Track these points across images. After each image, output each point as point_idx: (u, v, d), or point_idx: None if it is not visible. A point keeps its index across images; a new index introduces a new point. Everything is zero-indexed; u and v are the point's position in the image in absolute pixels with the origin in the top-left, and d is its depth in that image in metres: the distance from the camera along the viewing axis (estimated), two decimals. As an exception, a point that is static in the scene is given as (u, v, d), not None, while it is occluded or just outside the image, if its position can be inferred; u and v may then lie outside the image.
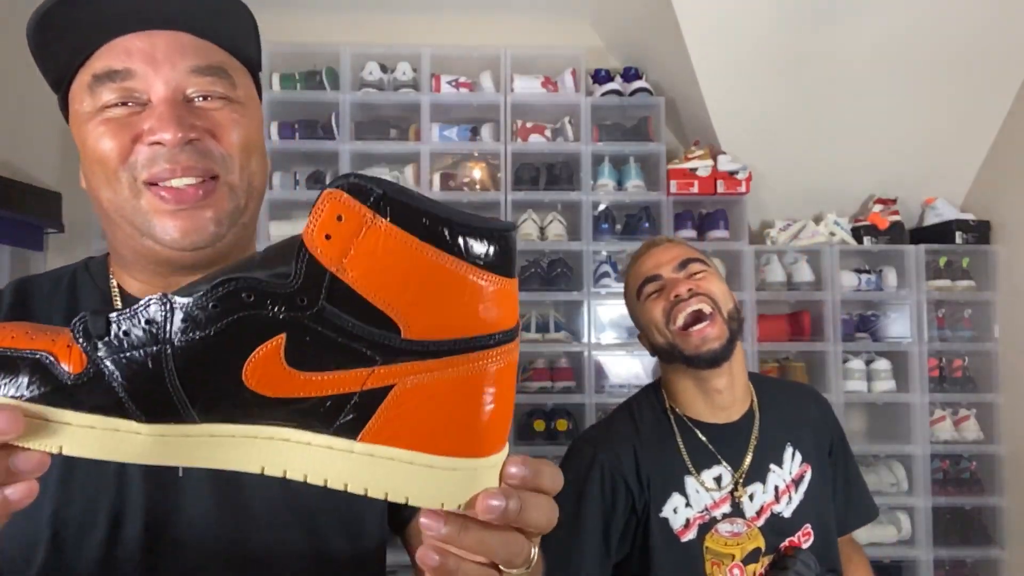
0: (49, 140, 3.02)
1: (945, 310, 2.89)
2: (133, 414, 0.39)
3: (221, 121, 0.67)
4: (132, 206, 0.66)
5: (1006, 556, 2.68)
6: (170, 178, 0.64)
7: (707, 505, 1.23)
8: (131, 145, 0.65)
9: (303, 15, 3.03)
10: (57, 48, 0.69)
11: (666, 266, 1.27)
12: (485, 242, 0.38)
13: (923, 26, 2.46)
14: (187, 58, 0.66)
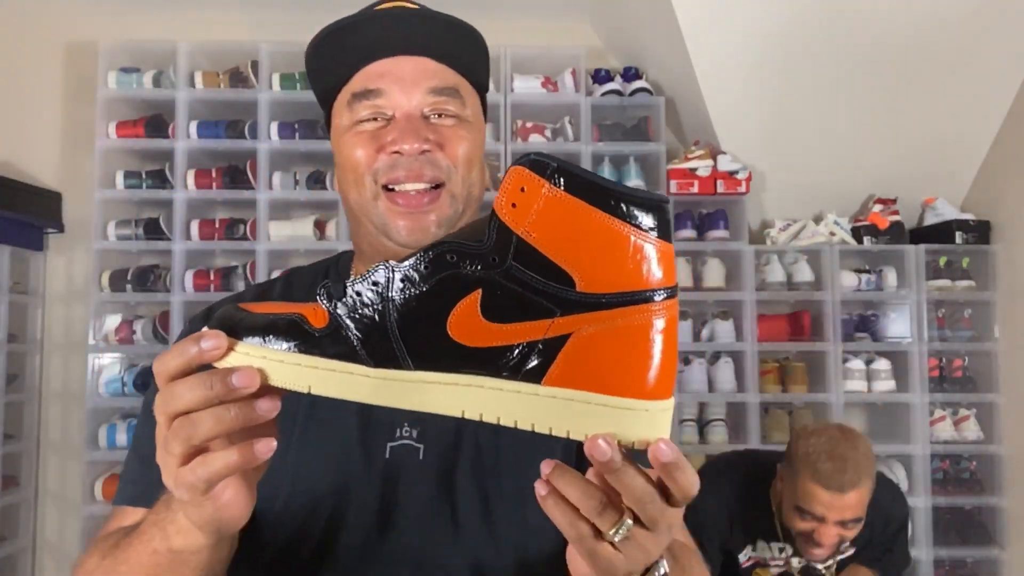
0: (49, 140, 3.02)
1: (945, 310, 2.89)
2: (364, 360, 0.48)
3: (450, 136, 0.78)
4: (373, 207, 0.78)
5: (1006, 556, 2.68)
6: (404, 182, 0.76)
7: (767, 558, 1.72)
8: (376, 154, 0.76)
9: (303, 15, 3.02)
10: (325, 69, 0.83)
11: (833, 516, 1.54)
12: (647, 210, 0.45)
13: (923, 26, 2.46)
14: (427, 80, 0.77)
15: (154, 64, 2.84)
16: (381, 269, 0.49)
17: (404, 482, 0.73)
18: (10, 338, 2.77)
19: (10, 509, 2.81)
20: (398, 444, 0.75)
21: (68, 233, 2.97)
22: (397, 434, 0.75)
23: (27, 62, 3.04)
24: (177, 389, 0.50)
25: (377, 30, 0.79)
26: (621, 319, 0.45)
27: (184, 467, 0.50)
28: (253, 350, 0.49)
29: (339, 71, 0.80)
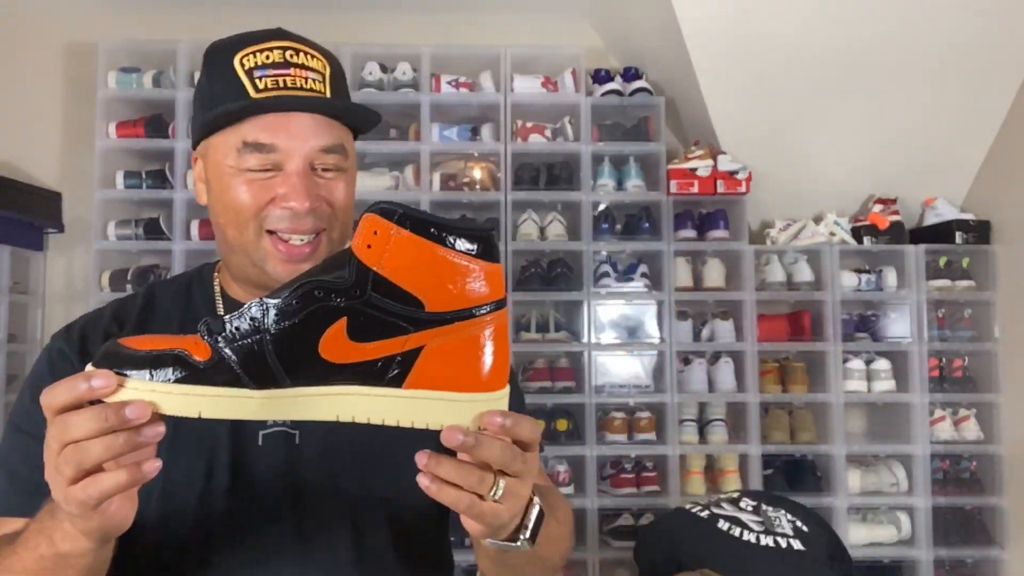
0: (49, 140, 3.02)
1: (945, 310, 2.88)
2: (247, 383, 0.55)
3: (335, 189, 0.84)
4: (254, 246, 0.82)
5: (1006, 556, 2.68)
6: (290, 233, 0.82)
7: None
8: (265, 204, 0.81)
9: (303, 15, 3.03)
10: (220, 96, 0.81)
11: None
12: (473, 240, 0.55)
13: (923, 26, 2.46)
14: (319, 139, 0.81)
15: (154, 64, 2.84)
16: (255, 306, 0.56)
17: (278, 465, 0.81)
18: (10, 338, 2.77)
19: (10, 509, 2.81)
20: (270, 432, 0.83)
21: (68, 233, 2.97)
22: (269, 423, 0.83)
23: (27, 62, 3.04)
24: (71, 421, 0.54)
25: None
26: (460, 330, 0.56)
27: (74, 486, 0.55)
28: (142, 384, 0.55)
29: (233, 108, 0.80)
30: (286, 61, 0.81)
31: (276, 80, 0.79)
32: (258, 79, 0.79)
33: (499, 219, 2.79)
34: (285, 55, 0.81)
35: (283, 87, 0.80)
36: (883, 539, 2.72)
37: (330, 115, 0.82)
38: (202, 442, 0.81)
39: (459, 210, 2.88)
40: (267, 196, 0.80)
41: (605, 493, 2.74)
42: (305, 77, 0.81)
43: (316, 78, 0.82)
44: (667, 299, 2.76)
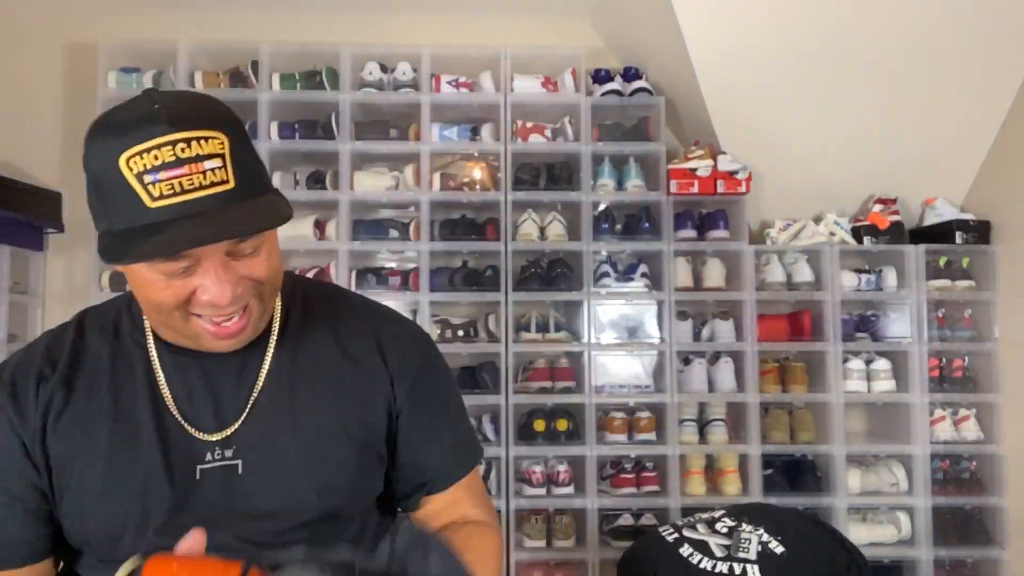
0: (49, 140, 3.02)
1: (945, 310, 2.88)
2: None
3: (256, 266, 0.81)
4: (182, 325, 0.81)
5: (1006, 556, 2.68)
6: (218, 319, 0.81)
7: None
8: (187, 298, 0.78)
9: (303, 15, 3.03)
10: (113, 213, 0.75)
11: None
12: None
13: (923, 26, 2.46)
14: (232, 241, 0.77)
15: (154, 64, 2.84)
16: None
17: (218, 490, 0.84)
18: (10, 338, 2.77)
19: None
20: (209, 465, 0.85)
21: (68, 233, 2.97)
22: (208, 457, 0.85)
23: (27, 62, 3.04)
24: None
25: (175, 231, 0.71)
26: None
27: None
28: None
29: (135, 229, 0.72)
30: (177, 159, 0.71)
31: (171, 184, 0.71)
32: (151, 185, 0.71)
33: (499, 219, 2.79)
34: (175, 151, 0.71)
35: (180, 191, 0.71)
36: (883, 539, 2.72)
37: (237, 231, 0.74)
38: (135, 482, 0.83)
39: (459, 210, 2.88)
40: (187, 291, 0.78)
41: (605, 493, 2.74)
42: (203, 171, 0.72)
43: (215, 165, 0.73)
44: (667, 299, 2.76)
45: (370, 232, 2.80)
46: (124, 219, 0.72)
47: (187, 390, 0.87)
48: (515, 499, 2.68)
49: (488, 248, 2.79)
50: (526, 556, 2.66)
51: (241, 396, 0.88)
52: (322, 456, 0.88)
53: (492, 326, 2.79)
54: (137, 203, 0.71)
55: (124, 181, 0.71)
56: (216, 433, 0.86)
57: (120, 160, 0.71)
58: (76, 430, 0.84)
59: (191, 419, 0.86)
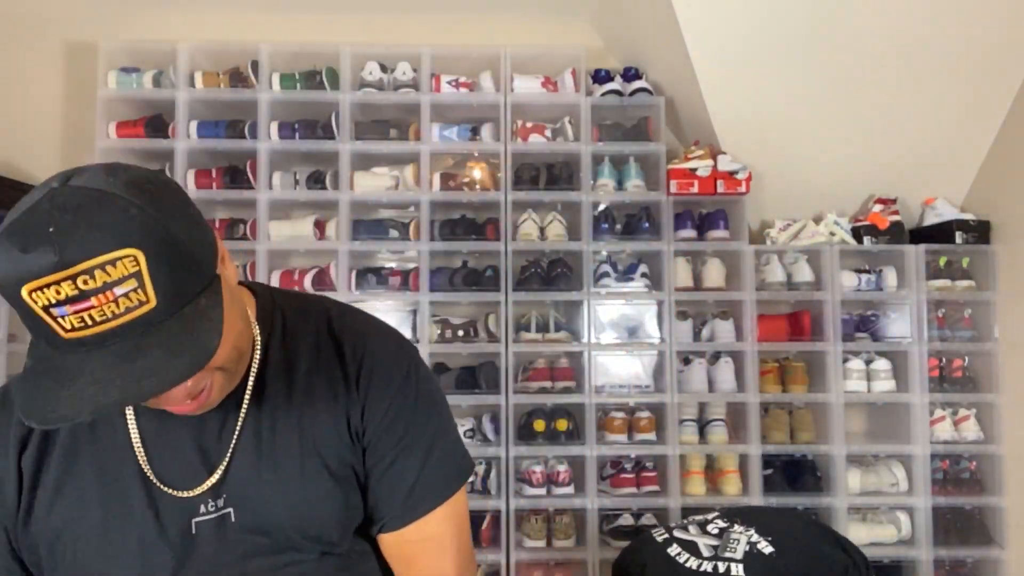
0: (49, 140, 3.02)
1: (945, 310, 2.88)
2: None
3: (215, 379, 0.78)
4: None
5: (1006, 556, 2.68)
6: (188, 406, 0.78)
7: None
8: None
9: (303, 15, 3.03)
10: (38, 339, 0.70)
11: None
12: None
13: (923, 26, 2.46)
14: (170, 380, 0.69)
15: (154, 64, 2.84)
16: None
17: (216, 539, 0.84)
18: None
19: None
20: (203, 518, 0.83)
21: (68, 233, 2.97)
22: (201, 510, 0.83)
23: (27, 62, 3.04)
24: None
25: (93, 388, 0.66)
26: None
27: None
28: None
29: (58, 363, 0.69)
30: (81, 292, 0.63)
31: (81, 317, 0.64)
32: (60, 318, 0.64)
33: (499, 219, 2.79)
34: (77, 284, 0.63)
35: (92, 323, 0.64)
36: (883, 539, 2.72)
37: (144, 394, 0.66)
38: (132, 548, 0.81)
39: (459, 210, 2.88)
40: None
41: (605, 493, 2.74)
42: (115, 300, 0.64)
43: (128, 289, 0.64)
44: (667, 299, 2.76)
45: (370, 232, 2.80)
46: (45, 345, 0.68)
47: (167, 447, 0.84)
48: (515, 499, 2.68)
49: (488, 248, 2.79)
50: (526, 556, 2.66)
51: (223, 443, 0.85)
52: (308, 495, 0.86)
53: (492, 326, 2.79)
54: (52, 334, 0.66)
55: (33, 314, 0.64)
56: (202, 485, 0.83)
57: (23, 292, 0.63)
58: (63, 499, 0.81)
59: (175, 477, 0.83)
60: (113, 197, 0.65)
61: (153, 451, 0.83)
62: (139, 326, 0.66)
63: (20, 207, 0.66)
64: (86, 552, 0.81)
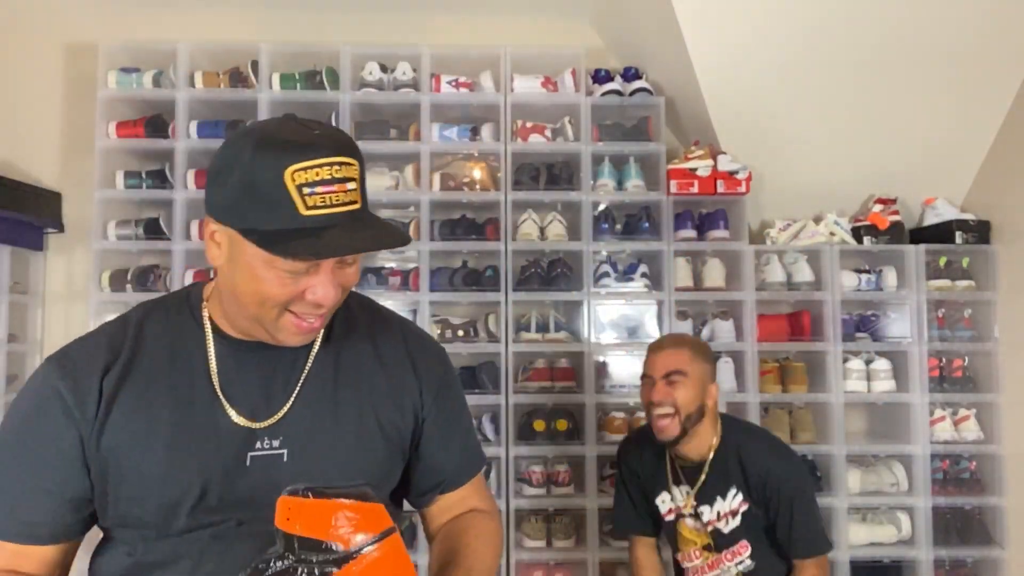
0: (49, 140, 3.02)
1: (945, 310, 2.88)
2: None
3: (350, 275, 0.93)
4: (272, 320, 0.91)
5: (1006, 556, 2.68)
6: (307, 316, 0.91)
7: (680, 505, 1.93)
8: (296, 296, 0.88)
9: (303, 15, 3.03)
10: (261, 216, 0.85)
11: (657, 371, 1.86)
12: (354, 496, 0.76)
13: (923, 26, 2.46)
14: None
15: (154, 64, 2.84)
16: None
17: (264, 476, 0.93)
18: (10, 338, 2.77)
19: (10, 509, 2.81)
20: (258, 453, 0.94)
21: (68, 233, 2.97)
22: (258, 446, 0.94)
23: (27, 62, 3.04)
24: None
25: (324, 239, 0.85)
26: (364, 559, 0.75)
27: None
28: None
29: (287, 231, 0.84)
30: (332, 178, 0.85)
31: (323, 198, 0.84)
32: (307, 196, 0.83)
33: (499, 219, 2.79)
34: (332, 171, 0.85)
35: (329, 204, 0.84)
36: (883, 539, 2.72)
37: (383, 245, 0.89)
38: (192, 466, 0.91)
39: (459, 210, 2.88)
40: (298, 290, 0.88)
41: (605, 493, 2.74)
42: (346, 191, 0.86)
43: (352, 187, 0.87)
44: (667, 299, 2.76)
45: (370, 232, 2.79)
46: (277, 221, 0.83)
47: (240, 381, 0.96)
48: (515, 499, 2.68)
49: (488, 248, 2.79)
50: (526, 556, 2.66)
51: (289, 387, 0.97)
52: (358, 449, 0.99)
53: (492, 326, 2.79)
54: (293, 210, 0.82)
55: (285, 191, 0.82)
56: (264, 421, 0.95)
57: (285, 173, 0.82)
58: (136, 418, 0.91)
59: (242, 408, 0.94)
60: (338, 128, 0.92)
61: (226, 384, 0.95)
62: (351, 217, 0.86)
63: (260, 125, 0.89)
64: (150, 468, 0.90)
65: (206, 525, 0.90)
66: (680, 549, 1.95)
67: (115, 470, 0.90)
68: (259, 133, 0.86)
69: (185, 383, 0.94)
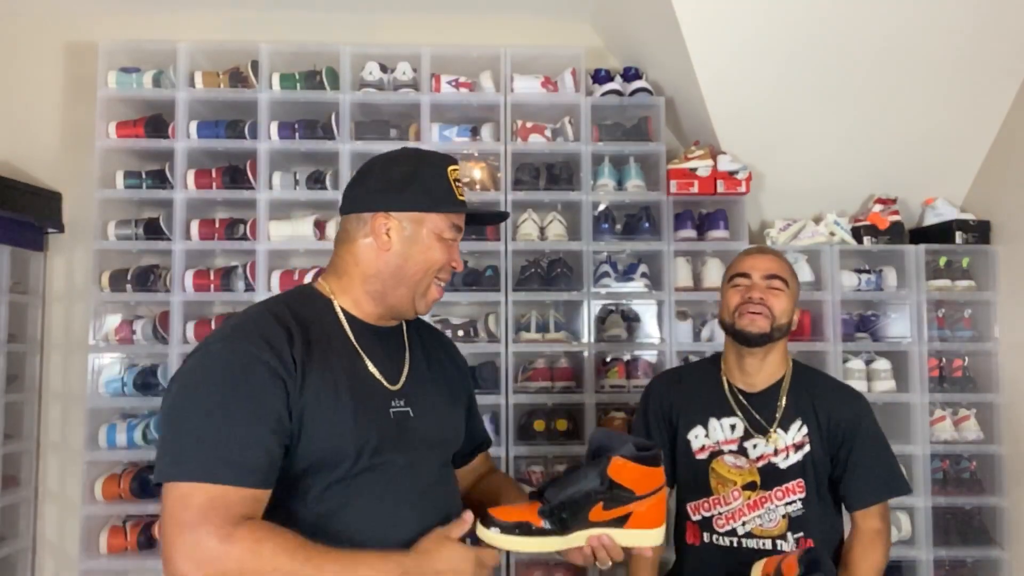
0: (49, 140, 3.02)
1: (945, 310, 2.88)
2: (555, 534, 1.19)
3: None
4: (423, 285, 1.26)
5: (1006, 556, 2.68)
6: (444, 282, 1.30)
7: (719, 440, 1.76)
8: (446, 263, 1.28)
9: (303, 15, 3.03)
10: (438, 200, 1.25)
11: (759, 270, 1.74)
12: (650, 461, 1.19)
13: (923, 26, 2.46)
14: None
15: (154, 64, 2.84)
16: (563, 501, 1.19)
17: (402, 427, 1.22)
18: (10, 338, 2.77)
19: (10, 509, 2.81)
20: (395, 409, 1.23)
21: (68, 233, 2.97)
22: (394, 404, 1.23)
23: (27, 62, 3.04)
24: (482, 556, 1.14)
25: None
26: (646, 502, 1.19)
27: None
28: (503, 539, 1.17)
29: (457, 207, 1.27)
30: (461, 179, 1.30)
31: (462, 190, 1.28)
32: (458, 188, 1.26)
33: (499, 219, 2.79)
34: (458, 173, 1.29)
35: (464, 195, 1.28)
36: (883, 539, 2.71)
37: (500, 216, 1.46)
38: (363, 419, 1.16)
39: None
40: (449, 257, 1.27)
41: (605, 493, 2.74)
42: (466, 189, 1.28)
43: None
44: (667, 299, 2.76)
45: (370, 232, 2.79)
46: (445, 203, 1.24)
47: (373, 354, 1.23)
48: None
49: (488, 248, 2.79)
50: (526, 556, 2.66)
51: (400, 361, 1.28)
52: (449, 413, 1.34)
53: (492, 326, 2.79)
54: (455, 196, 1.26)
55: (450, 185, 1.25)
56: (394, 385, 1.24)
57: (447, 171, 1.26)
58: (324, 380, 1.13)
59: (383, 374, 1.23)
60: None
61: (368, 355, 1.23)
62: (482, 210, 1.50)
63: (415, 151, 1.32)
64: (343, 418, 1.13)
65: (377, 466, 1.16)
66: (711, 492, 1.74)
67: (310, 421, 1.10)
68: (424, 153, 1.30)
69: (343, 356, 1.19)
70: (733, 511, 1.71)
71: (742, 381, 1.78)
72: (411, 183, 1.23)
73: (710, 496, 1.74)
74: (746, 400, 1.77)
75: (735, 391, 1.79)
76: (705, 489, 1.75)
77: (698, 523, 1.75)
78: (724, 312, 1.77)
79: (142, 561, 2.64)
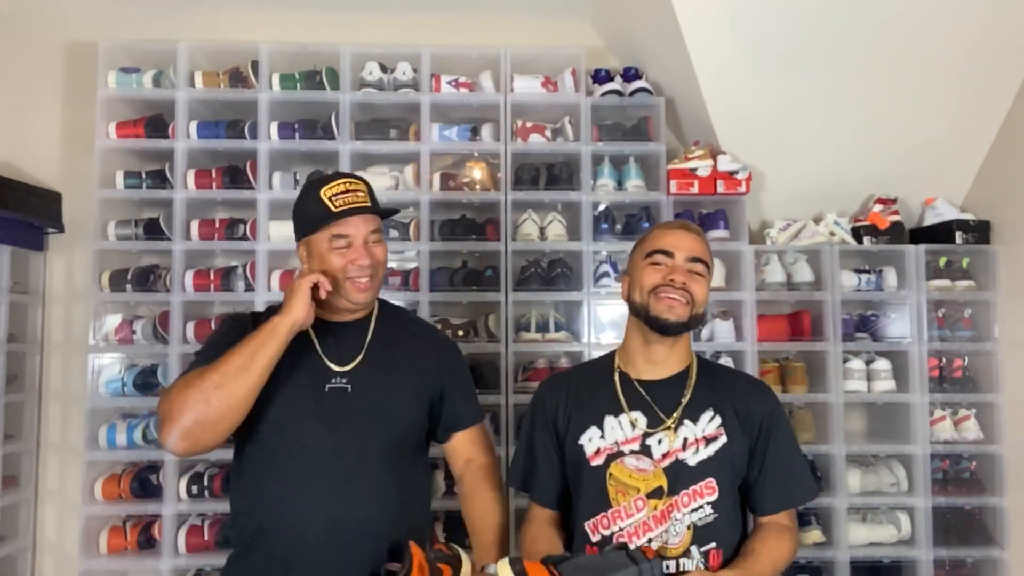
0: (49, 140, 3.02)
1: (945, 310, 2.88)
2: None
3: (378, 251, 1.61)
4: (344, 288, 1.58)
5: (1006, 556, 2.68)
6: (359, 278, 1.58)
7: (618, 440, 1.52)
8: (347, 264, 1.56)
9: (303, 15, 3.03)
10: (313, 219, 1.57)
11: (683, 250, 1.54)
12: None
13: (923, 26, 2.46)
14: (367, 227, 1.58)
15: (154, 64, 2.84)
16: None
17: (336, 401, 1.55)
18: (10, 338, 2.77)
19: (10, 509, 2.81)
20: (332, 385, 1.57)
21: (68, 233, 2.97)
22: (334, 381, 1.57)
23: (27, 62, 3.04)
24: None
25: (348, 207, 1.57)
26: None
27: None
28: None
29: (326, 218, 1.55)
30: (347, 190, 1.57)
31: (343, 199, 1.55)
32: (334, 201, 1.55)
33: (499, 219, 2.79)
34: (346, 186, 1.57)
35: (347, 204, 1.55)
36: (883, 539, 2.72)
37: (371, 214, 1.59)
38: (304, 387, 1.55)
39: (459, 210, 2.88)
40: (347, 260, 1.55)
41: (605, 493, 2.74)
42: (356, 195, 1.58)
43: (361, 195, 1.59)
44: (667, 299, 2.76)
45: (370, 232, 2.80)
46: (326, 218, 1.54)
47: (325, 342, 1.60)
48: (515, 499, 2.68)
49: (488, 248, 2.79)
50: (526, 556, 2.66)
51: (356, 349, 1.61)
52: (397, 392, 1.60)
53: (492, 326, 2.79)
54: (328, 210, 1.54)
55: (322, 201, 1.55)
56: (341, 367, 1.58)
57: (320, 191, 1.56)
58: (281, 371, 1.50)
59: (332, 358, 1.58)
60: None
61: (323, 348, 1.59)
62: (365, 210, 1.58)
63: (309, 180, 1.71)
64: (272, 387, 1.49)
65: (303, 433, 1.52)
66: (610, 505, 1.49)
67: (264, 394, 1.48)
68: (308, 183, 1.62)
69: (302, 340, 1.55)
70: (637, 524, 1.46)
71: (646, 371, 1.57)
72: (298, 214, 1.60)
73: (609, 509, 1.49)
74: (648, 391, 1.55)
75: (635, 383, 1.56)
76: (603, 502, 1.49)
77: (598, 545, 1.49)
78: (635, 291, 1.54)
79: (142, 561, 2.64)
